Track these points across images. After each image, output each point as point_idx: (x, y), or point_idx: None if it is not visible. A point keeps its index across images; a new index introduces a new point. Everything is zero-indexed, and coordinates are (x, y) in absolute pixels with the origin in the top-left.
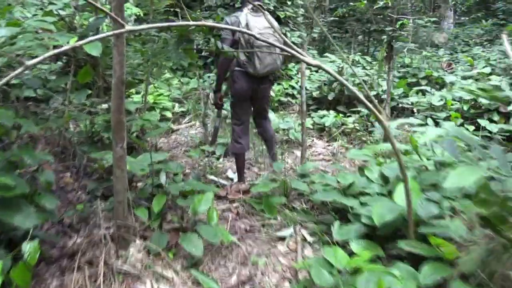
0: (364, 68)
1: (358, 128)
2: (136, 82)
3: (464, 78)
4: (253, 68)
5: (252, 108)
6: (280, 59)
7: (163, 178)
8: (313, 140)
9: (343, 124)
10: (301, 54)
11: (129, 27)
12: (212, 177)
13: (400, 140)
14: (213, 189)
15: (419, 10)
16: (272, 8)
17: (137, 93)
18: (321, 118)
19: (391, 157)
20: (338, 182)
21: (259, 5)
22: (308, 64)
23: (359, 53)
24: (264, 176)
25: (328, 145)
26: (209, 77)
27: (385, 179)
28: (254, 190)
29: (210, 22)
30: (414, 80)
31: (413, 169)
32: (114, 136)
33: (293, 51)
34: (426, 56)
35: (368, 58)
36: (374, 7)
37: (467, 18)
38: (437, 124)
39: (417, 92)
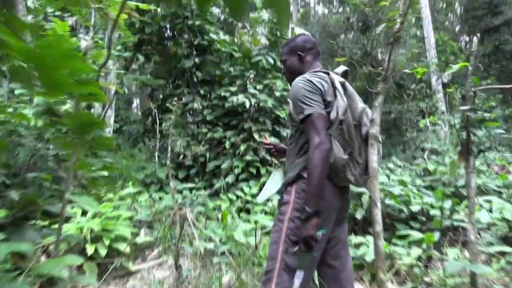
0: (388, 177)
1: (417, 263)
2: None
3: None
4: (357, 176)
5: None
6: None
7: None
8: None
9: (389, 257)
10: None
11: None
12: None
13: None
14: None
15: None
16: (269, 105)
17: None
18: (355, 247)
19: None
20: None
21: (345, 72)
22: None
23: None
24: None
25: None
26: (191, 191)
27: None
28: None
29: None
30: (451, 190)
31: None
32: None
33: None
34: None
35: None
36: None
37: None
38: None
39: (466, 206)
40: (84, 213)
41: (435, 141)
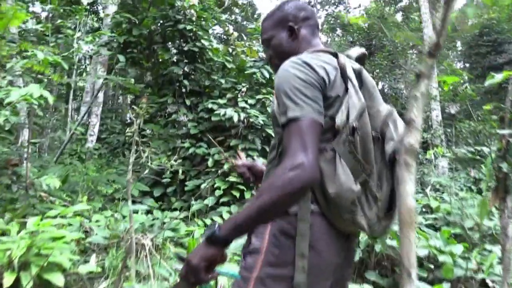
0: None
1: None
2: None
3: None
4: (374, 219)
5: None
6: None
7: None
8: None
9: None
10: None
11: None
12: None
13: None
14: None
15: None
16: (260, 122)
17: None
18: None
19: None
20: None
21: (362, 56)
22: None
23: None
24: None
25: None
26: (163, 211)
27: None
28: None
29: None
30: (456, 231)
31: None
32: None
33: None
34: (462, 198)
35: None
36: None
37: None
38: None
39: (479, 253)
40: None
41: (436, 176)
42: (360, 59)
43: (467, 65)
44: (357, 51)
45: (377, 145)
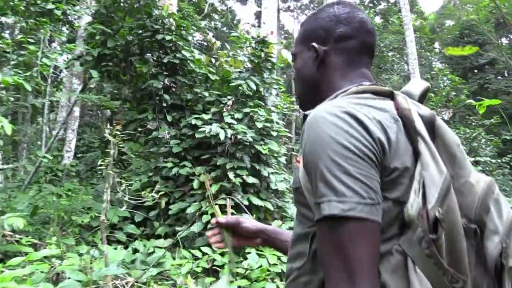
0: None
1: None
2: None
3: None
4: None
5: None
6: None
7: None
8: None
9: None
10: None
11: None
12: None
13: None
14: None
15: None
16: (249, 139)
17: None
18: None
19: None
20: None
21: (426, 90)
22: None
23: None
24: None
25: None
26: (148, 239)
27: None
28: None
29: None
30: None
31: None
32: None
33: None
34: None
35: None
36: None
37: None
38: None
39: None
40: None
41: None
42: (422, 98)
43: (447, 65)
44: (420, 85)
45: (471, 242)
